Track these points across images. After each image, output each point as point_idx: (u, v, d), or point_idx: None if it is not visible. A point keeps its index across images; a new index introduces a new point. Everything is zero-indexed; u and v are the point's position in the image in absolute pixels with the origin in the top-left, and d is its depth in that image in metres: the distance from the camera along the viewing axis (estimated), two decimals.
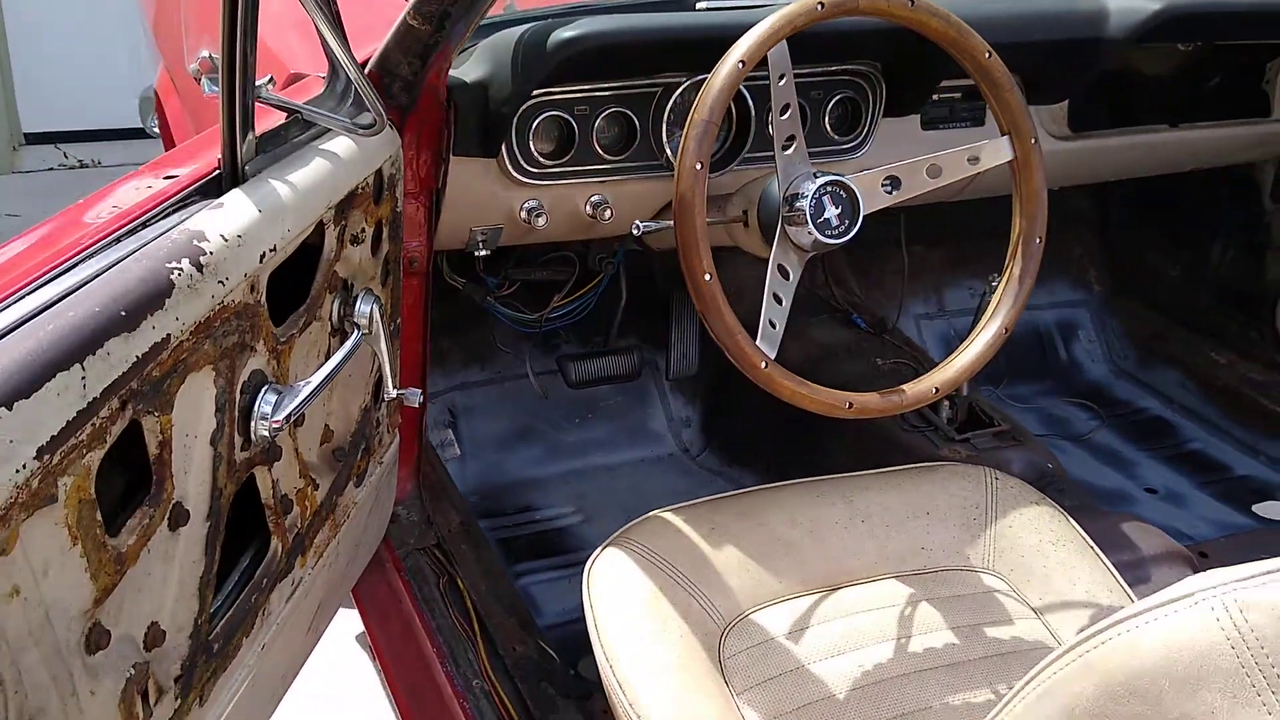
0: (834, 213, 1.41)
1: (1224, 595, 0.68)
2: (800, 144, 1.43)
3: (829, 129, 1.74)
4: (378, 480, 1.54)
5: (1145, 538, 1.71)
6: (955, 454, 1.86)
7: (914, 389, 1.43)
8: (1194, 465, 2.38)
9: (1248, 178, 2.39)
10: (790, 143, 1.41)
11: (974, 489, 1.54)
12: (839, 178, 1.41)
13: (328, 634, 1.92)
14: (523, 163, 1.57)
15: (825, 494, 1.52)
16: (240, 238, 1.04)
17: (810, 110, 1.71)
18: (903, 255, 2.37)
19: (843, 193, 1.41)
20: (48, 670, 0.85)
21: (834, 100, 1.72)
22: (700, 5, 1.66)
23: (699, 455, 2.33)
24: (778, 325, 1.37)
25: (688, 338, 2.26)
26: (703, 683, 1.28)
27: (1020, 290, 1.45)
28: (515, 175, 1.57)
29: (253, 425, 1.11)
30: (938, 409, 1.93)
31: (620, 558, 1.39)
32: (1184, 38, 1.96)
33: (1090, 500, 1.86)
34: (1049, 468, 1.85)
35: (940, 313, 2.55)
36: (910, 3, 1.40)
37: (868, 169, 1.47)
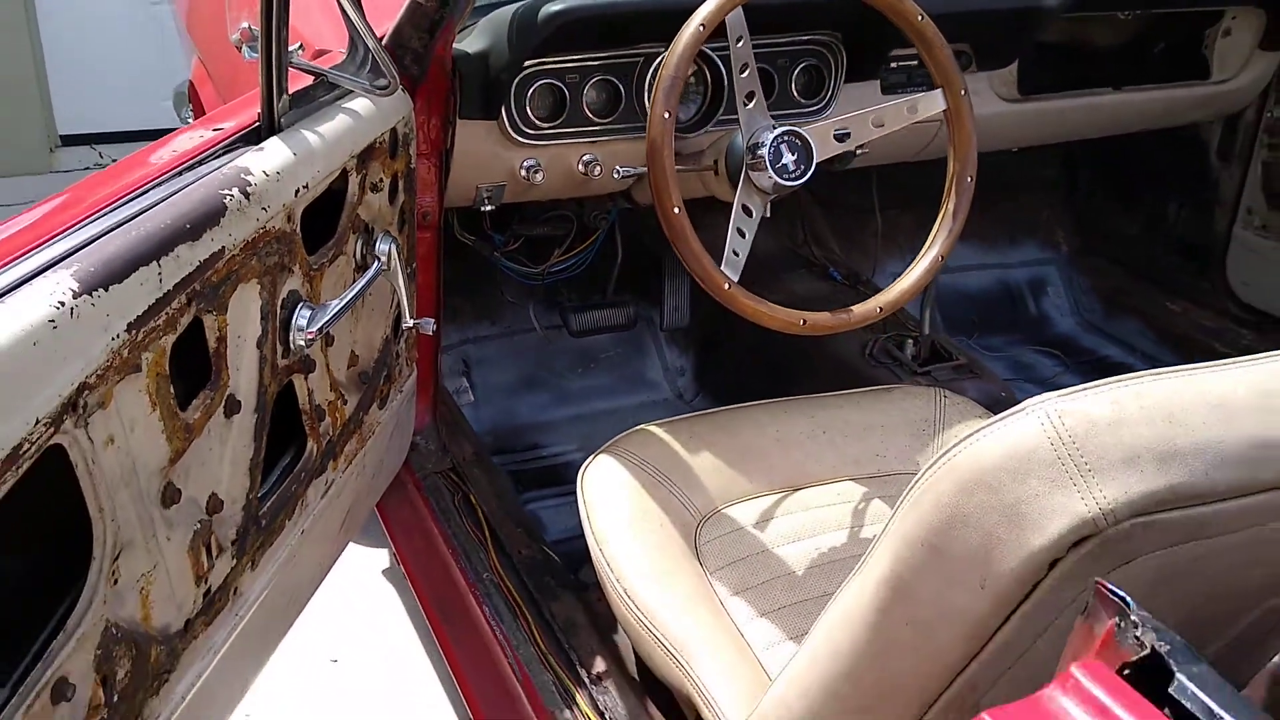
0: (790, 159, 1.61)
1: (1047, 406, 0.86)
2: (760, 100, 1.63)
3: (796, 94, 1.94)
4: (398, 406, 1.74)
5: None
6: (916, 384, 2.05)
7: (861, 309, 1.63)
8: None
9: (1197, 139, 2.56)
10: (750, 98, 1.61)
11: (925, 405, 1.73)
12: (794, 128, 1.61)
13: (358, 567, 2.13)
14: (521, 125, 1.77)
15: (791, 410, 1.72)
16: (279, 174, 1.25)
17: (778, 76, 1.90)
18: (877, 219, 2.56)
19: (798, 141, 1.61)
20: (135, 510, 1.06)
21: (799, 67, 1.92)
22: None
23: (693, 400, 2.52)
24: (740, 255, 1.57)
25: (679, 292, 2.45)
26: (680, 563, 1.49)
27: (954, 223, 1.64)
28: (514, 136, 1.77)
29: (291, 336, 1.32)
30: (903, 347, 2.12)
31: (611, 462, 1.60)
32: (1114, 6, 2.14)
33: None
34: (1001, 395, 2.03)
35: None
36: None
37: None
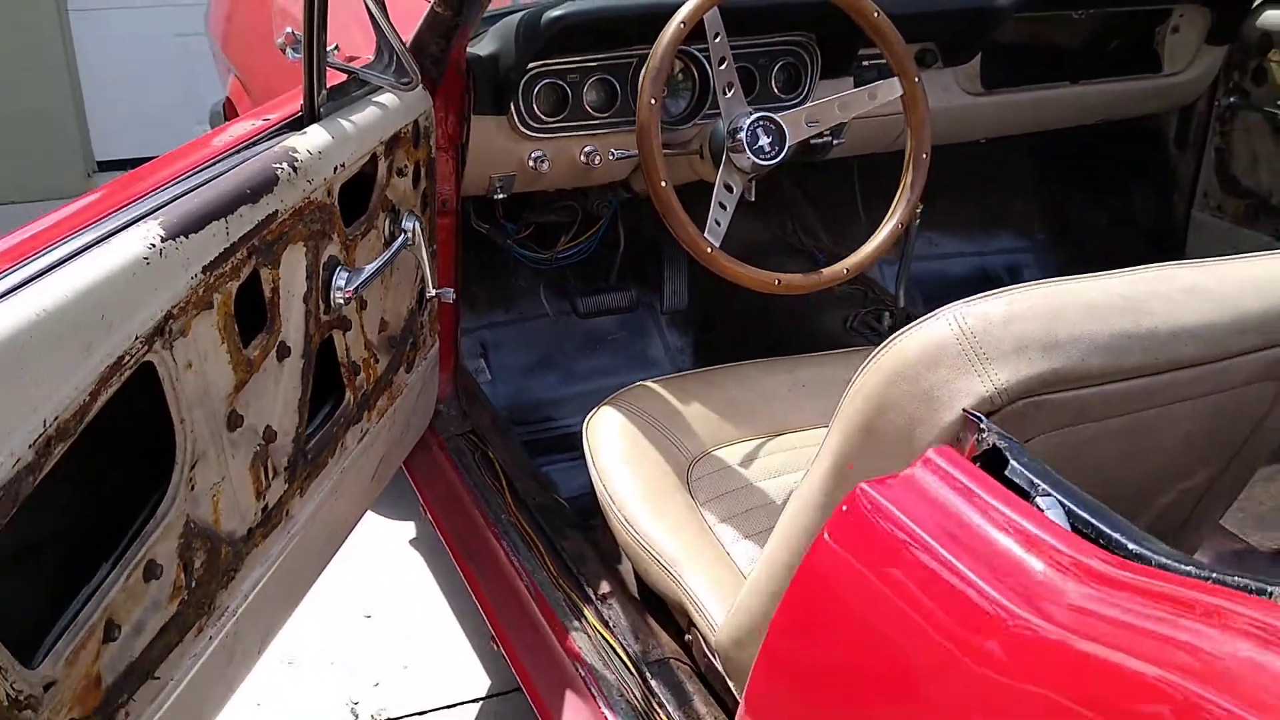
0: (766, 141, 1.82)
1: (954, 310, 1.07)
2: (738, 90, 1.84)
3: (776, 90, 2.15)
4: (423, 372, 1.95)
5: None
6: None
7: (829, 270, 1.83)
8: None
9: (1157, 130, 2.75)
10: (730, 88, 1.83)
11: None
12: (769, 114, 1.82)
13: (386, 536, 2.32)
14: (528, 120, 1.99)
15: (774, 368, 1.93)
16: (320, 153, 1.47)
17: (759, 75, 2.12)
18: (860, 209, 2.77)
19: (772, 125, 1.82)
20: (208, 428, 1.27)
21: (778, 65, 2.13)
22: None
23: None
24: (721, 224, 1.78)
25: (678, 276, 2.65)
26: (674, 495, 1.69)
27: (912, 194, 1.85)
28: (523, 130, 1.99)
29: (331, 294, 1.53)
30: (880, 319, 2.33)
31: (612, 412, 1.81)
32: (1066, 6, 2.35)
33: None
34: None
35: (894, 259, 2.95)
36: None
37: None
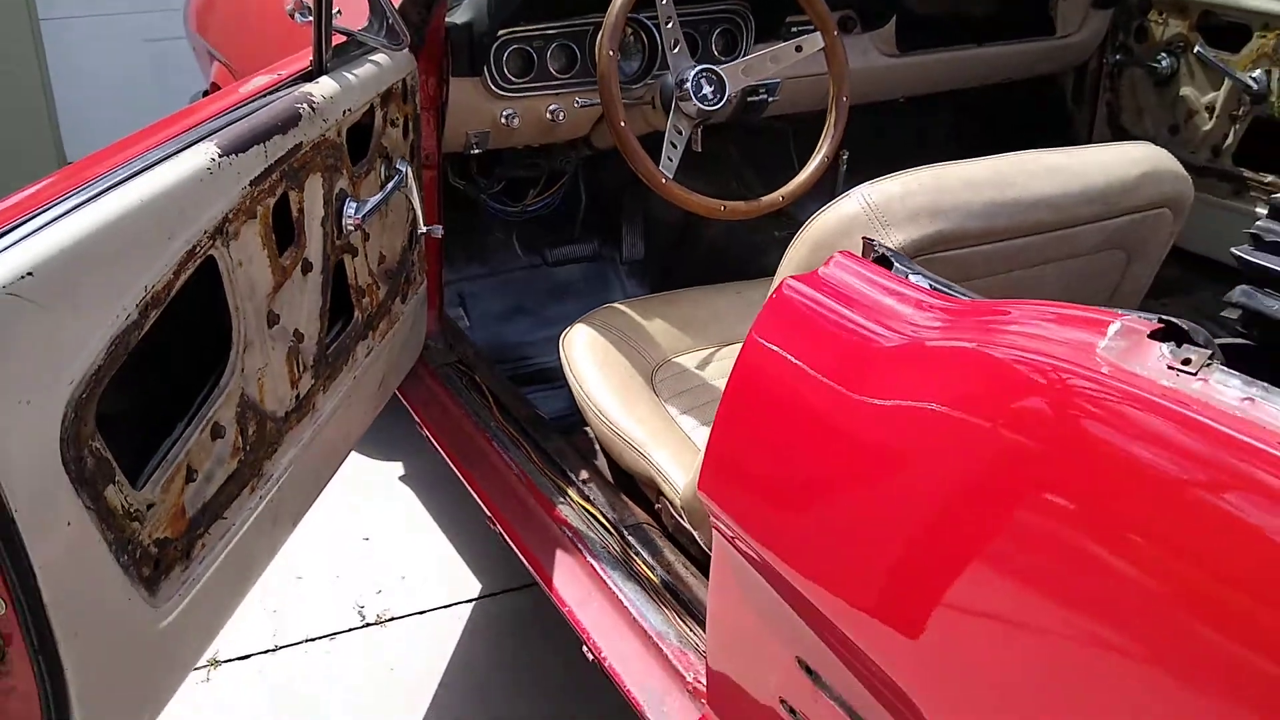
0: (709, 90, 2.10)
1: (862, 189, 1.35)
2: (684, 47, 2.12)
3: (716, 52, 2.43)
4: (415, 305, 2.21)
5: None
6: None
7: (767, 198, 2.12)
8: None
9: (1057, 89, 3.08)
10: (676, 44, 2.11)
11: None
12: (710, 66, 2.10)
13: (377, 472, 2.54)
14: (500, 80, 2.25)
15: (724, 290, 2.21)
16: (331, 98, 1.73)
17: (700, 39, 2.40)
18: (795, 168, 3.05)
19: (714, 76, 2.10)
20: (254, 320, 1.53)
21: (718, 31, 2.42)
22: None
23: None
24: (673, 160, 2.06)
25: (635, 230, 2.93)
26: (641, 393, 1.97)
27: (836, 131, 2.14)
28: (495, 90, 2.26)
29: (343, 221, 1.79)
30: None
31: (585, 328, 2.08)
32: None
33: None
34: None
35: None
36: None
37: None
